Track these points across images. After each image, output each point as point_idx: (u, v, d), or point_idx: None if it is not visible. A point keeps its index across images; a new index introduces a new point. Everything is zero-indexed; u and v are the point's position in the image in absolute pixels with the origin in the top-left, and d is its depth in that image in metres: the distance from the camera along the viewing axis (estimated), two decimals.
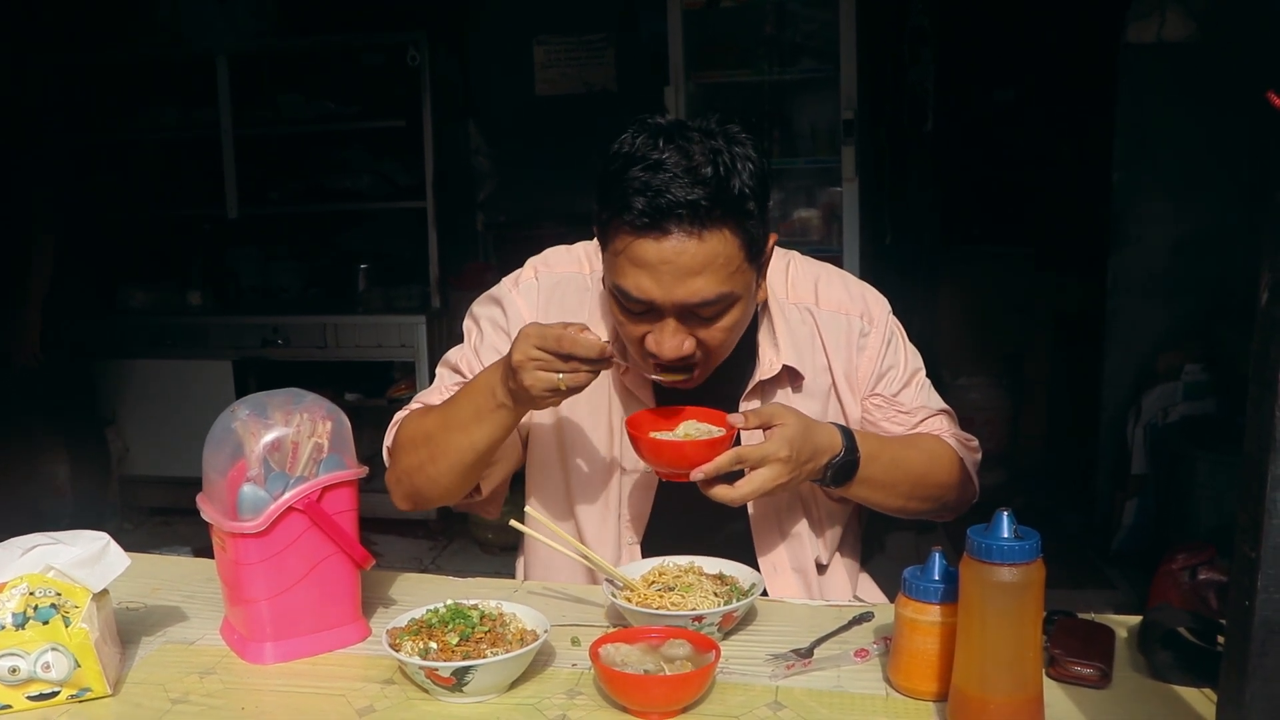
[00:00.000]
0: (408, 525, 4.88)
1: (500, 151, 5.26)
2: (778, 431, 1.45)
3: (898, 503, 1.66)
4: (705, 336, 1.49)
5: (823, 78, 4.27)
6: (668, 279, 1.42)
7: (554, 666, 1.39)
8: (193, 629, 1.54)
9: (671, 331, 1.47)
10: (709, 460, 1.44)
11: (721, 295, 1.44)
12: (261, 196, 5.11)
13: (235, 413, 1.46)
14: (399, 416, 1.71)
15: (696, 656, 1.30)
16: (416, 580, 1.72)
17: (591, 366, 1.40)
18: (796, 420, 1.48)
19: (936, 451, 1.70)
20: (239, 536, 1.40)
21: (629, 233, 1.43)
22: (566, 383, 1.40)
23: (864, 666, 1.38)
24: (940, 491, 1.71)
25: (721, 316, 1.48)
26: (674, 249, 1.41)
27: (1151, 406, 4.12)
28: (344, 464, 1.46)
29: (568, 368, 1.39)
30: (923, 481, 1.67)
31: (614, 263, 1.47)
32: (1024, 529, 1.18)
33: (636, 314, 1.49)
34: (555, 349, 1.38)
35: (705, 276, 1.42)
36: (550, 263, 1.74)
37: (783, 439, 1.45)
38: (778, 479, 1.46)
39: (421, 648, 1.30)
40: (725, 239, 1.42)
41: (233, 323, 4.98)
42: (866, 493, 1.61)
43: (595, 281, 1.68)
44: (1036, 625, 1.18)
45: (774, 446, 1.44)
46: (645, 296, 1.44)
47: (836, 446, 1.53)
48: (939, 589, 1.27)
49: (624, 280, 1.45)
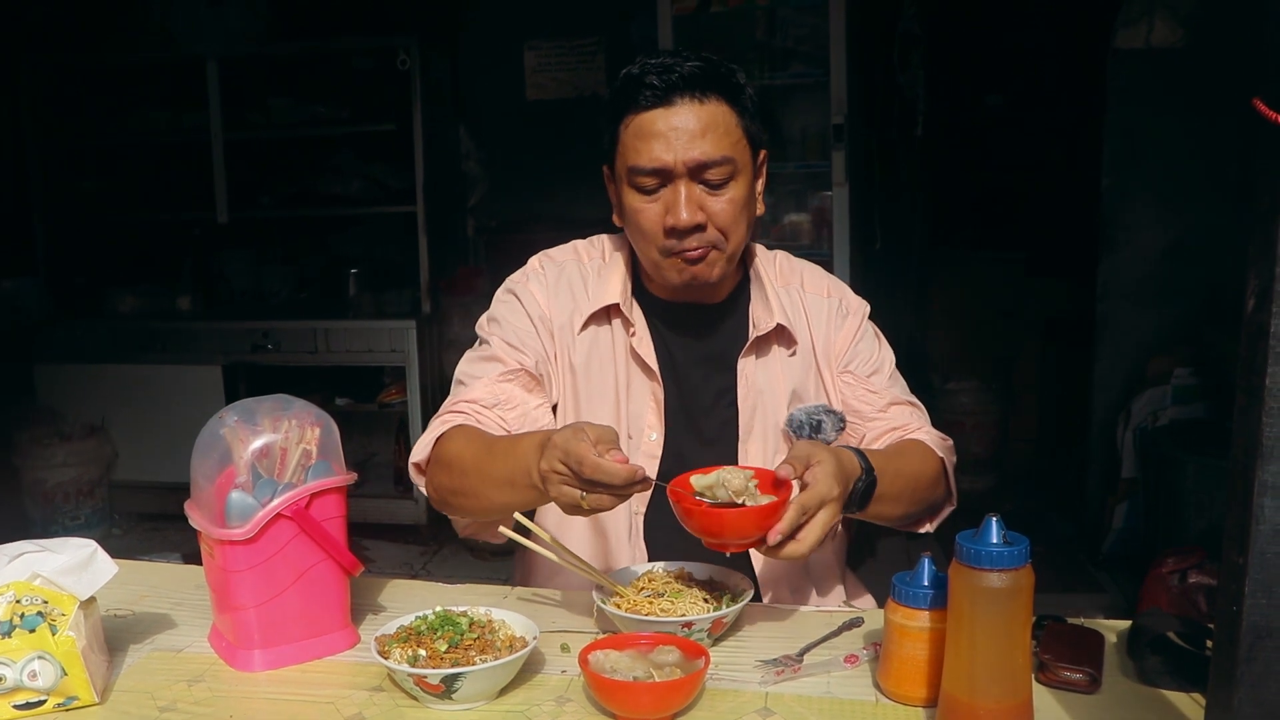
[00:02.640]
0: (398, 531, 4.87)
1: (491, 156, 5.26)
2: (820, 471, 1.40)
3: (900, 512, 1.65)
4: (715, 210, 1.61)
5: (813, 82, 4.25)
6: (677, 143, 1.58)
7: (544, 673, 1.39)
8: (181, 636, 1.54)
9: (685, 198, 1.59)
10: (769, 526, 1.36)
11: (725, 158, 1.59)
12: (252, 201, 5.09)
13: (223, 419, 1.46)
14: (438, 424, 1.67)
15: (686, 663, 1.30)
16: (406, 586, 1.71)
17: (615, 493, 1.34)
18: (828, 454, 1.43)
19: (924, 455, 1.71)
20: (227, 544, 1.40)
21: (641, 112, 1.60)
22: (590, 504, 1.35)
23: (854, 672, 1.38)
24: (931, 495, 1.72)
25: (727, 185, 1.61)
26: (680, 115, 1.58)
27: (1141, 410, 4.12)
28: (332, 470, 1.46)
29: (591, 491, 1.34)
30: (919, 487, 1.67)
31: (628, 151, 1.62)
32: (1013, 534, 1.18)
33: (651, 191, 1.62)
34: (578, 471, 1.32)
35: (709, 139, 1.58)
36: (549, 254, 1.84)
37: (829, 476, 1.40)
38: (834, 518, 1.41)
39: (410, 655, 1.30)
40: (724, 110, 1.61)
41: (222, 327, 4.96)
42: (878, 509, 1.57)
43: (592, 266, 1.80)
44: (1025, 630, 1.18)
45: (826, 487, 1.39)
46: (658, 164, 1.59)
47: (857, 468, 1.50)
48: (928, 594, 1.27)
49: (639, 158, 1.60)
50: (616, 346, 1.74)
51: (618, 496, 1.34)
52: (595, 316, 1.74)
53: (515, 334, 1.74)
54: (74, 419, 4.92)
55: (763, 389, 1.75)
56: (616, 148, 1.66)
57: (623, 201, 1.67)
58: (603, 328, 1.75)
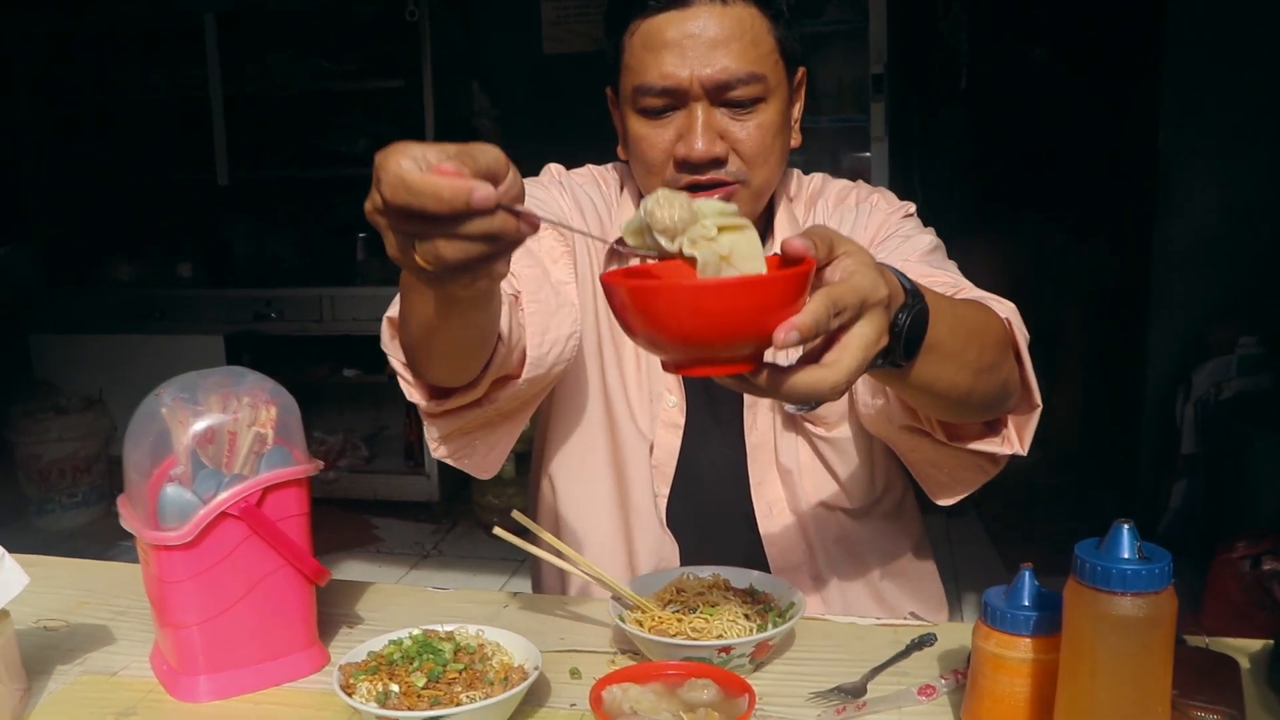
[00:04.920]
0: (409, 508, 4.66)
1: (505, 113, 4.99)
2: (853, 262, 0.89)
3: (965, 382, 1.11)
4: (740, 137, 1.32)
5: (849, 29, 4.03)
6: (693, 54, 1.29)
7: (549, 706, 1.14)
8: (118, 656, 1.29)
9: (701, 125, 1.31)
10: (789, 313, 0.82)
11: (752, 75, 1.30)
12: (253, 162, 4.86)
13: (160, 396, 1.20)
14: None
15: (724, 702, 1.04)
16: (389, 593, 1.46)
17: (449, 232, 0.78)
18: (858, 246, 0.92)
19: (985, 312, 1.20)
20: (162, 549, 1.15)
21: (649, 16, 1.32)
22: (425, 257, 0.80)
23: (931, 707, 1.12)
24: (1001, 365, 1.18)
25: (755, 108, 1.32)
26: (697, 21, 1.30)
27: (1203, 382, 3.84)
28: (291, 459, 1.20)
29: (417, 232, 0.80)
30: (985, 346, 1.14)
31: (634, 64, 1.34)
32: (1150, 547, 0.92)
33: (660, 112, 1.33)
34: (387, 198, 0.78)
35: (733, 50, 1.29)
36: (565, 171, 1.57)
37: (869, 268, 0.89)
38: (880, 340, 0.90)
39: (380, 691, 1.04)
40: (752, 14, 1.32)
41: (224, 295, 4.75)
42: (932, 370, 1.04)
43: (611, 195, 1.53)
44: (1166, 671, 0.92)
45: (869, 281, 0.88)
46: (669, 81, 1.30)
47: (899, 288, 0.97)
48: (1031, 618, 1.01)
49: (647, 73, 1.31)
50: None
51: (459, 239, 0.78)
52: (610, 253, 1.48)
53: (547, 208, 1.43)
54: (70, 392, 4.73)
55: None
56: (621, 62, 1.37)
57: (628, 129, 1.39)
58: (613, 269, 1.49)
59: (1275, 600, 3.06)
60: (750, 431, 1.48)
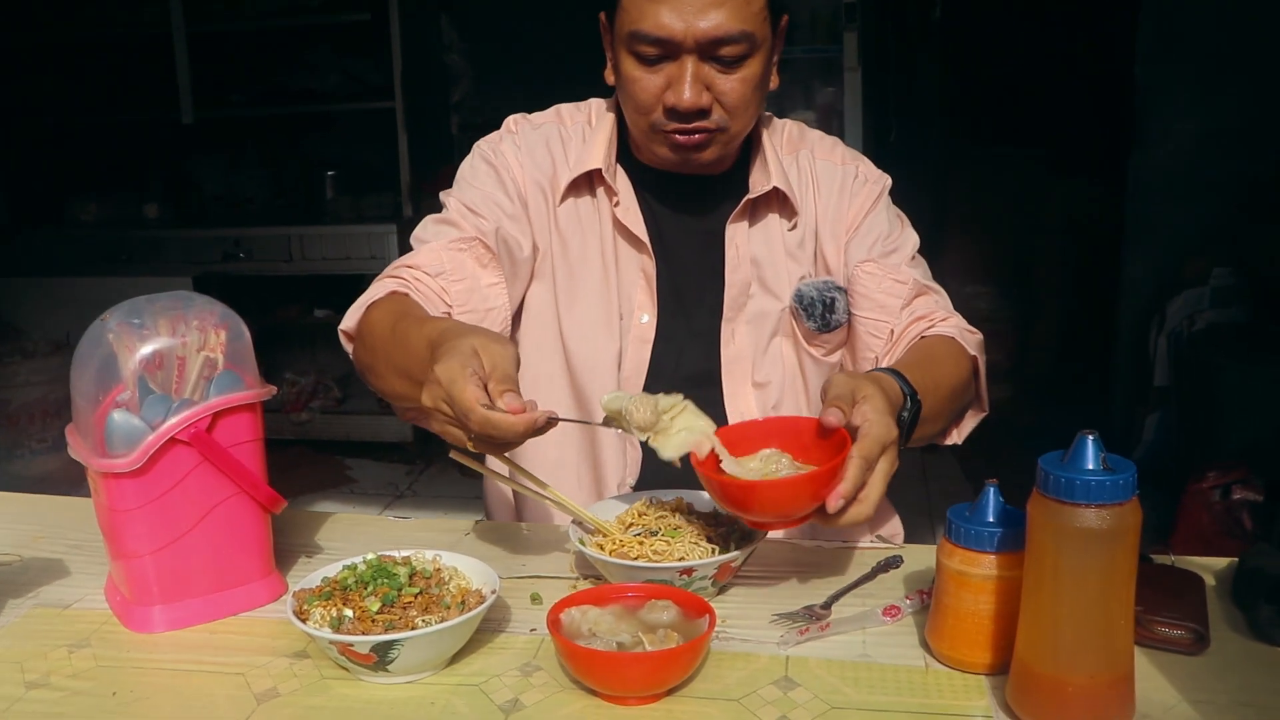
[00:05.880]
0: (382, 449, 4.63)
1: (476, 48, 4.88)
2: (871, 409, 1.13)
3: (938, 429, 1.43)
4: (724, 90, 1.39)
5: None
6: (688, 9, 1.33)
7: (508, 632, 1.12)
8: (72, 589, 1.27)
9: (691, 77, 1.36)
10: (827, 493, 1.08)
11: (743, 34, 1.35)
12: (220, 99, 4.76)
13: (106, 322, 1.17)
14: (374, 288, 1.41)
15: (685, 624, 1.02)
16: (349, 522, 1.44)
17: (511, 445, 1.09)
18: (874, 386, 1.16)
19: (957, 357, 1.46)
20: (111, 476, 1.12)
21: None
22: (478, 447, 1.11)
23: (895, 628, 1.11)
24: (965, 401, 1.49)
25: (741, 64, 1.38)
26: None
27: (1176, 314, 3.82)
28: (243, 383, 1.17)
29: (480, 443, 1.09)
30: (956, 396, 1.43)
31: (631, 9, 1.37)
32: (1114, 458, 0.90)
33: (653, 61, 1.38)
34: (464, 423, 1.07)
35: (727, 8, 1.34)
36: (528, 116, 1.61)
37: (882, 415, 1.13)
38: (894, 465, 1.15)
39: (333, 617, 1.02)
40: None
41: (193, 236, 4.68)
42: (921, 432, 1.32)
43: (575, 130, 1.57)
44: (1130, 585, 0.91)
45: (883, 428, 1.11)
46: (664, 33, 1.34)
47: (899, 394, 1.24)
48: (996, 534, 1.00)
49: (644, 21, 1.36)
50: (602, 217, 1.53)
51: (513, 446, 1.09)
52: (576, 185, 1.52)
53: (478, 198, 1.51)
54: (37, 335, 4.63)
55: (759, 260, 1.51)
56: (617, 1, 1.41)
57: (619, 67, 1.44)
58: (584, 199, 1.53)
59: (1245, 528, 3.08)
60: (727, 345, 1.51)
